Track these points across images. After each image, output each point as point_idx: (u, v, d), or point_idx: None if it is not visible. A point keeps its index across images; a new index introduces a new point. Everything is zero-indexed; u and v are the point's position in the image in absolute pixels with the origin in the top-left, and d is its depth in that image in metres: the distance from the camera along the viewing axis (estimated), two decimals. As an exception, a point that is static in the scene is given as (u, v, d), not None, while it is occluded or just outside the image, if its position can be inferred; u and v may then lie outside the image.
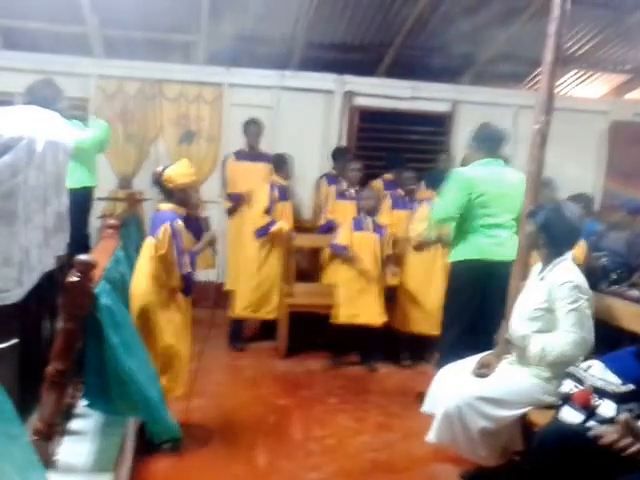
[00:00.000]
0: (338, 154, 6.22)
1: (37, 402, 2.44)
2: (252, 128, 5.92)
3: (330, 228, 5.65)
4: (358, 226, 5.19)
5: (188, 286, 3.47)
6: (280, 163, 5.61)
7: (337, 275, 5.24)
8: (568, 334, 3.00)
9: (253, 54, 6.43)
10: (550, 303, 3.05)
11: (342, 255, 5.16)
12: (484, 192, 3.97)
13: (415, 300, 5.22)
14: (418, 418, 3.48)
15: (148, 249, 3.40)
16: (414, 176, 5.63)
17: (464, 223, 4.06)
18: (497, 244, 3.96)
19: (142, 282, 3.36)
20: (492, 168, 4.06)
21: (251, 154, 5.89)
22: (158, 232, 3.35)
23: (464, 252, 4.07)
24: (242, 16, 6.06)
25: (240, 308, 5.44)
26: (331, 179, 6.07)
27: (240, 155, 5.94)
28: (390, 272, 5.26)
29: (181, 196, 3.49)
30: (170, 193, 3.47)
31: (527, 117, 3.80)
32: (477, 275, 3.96)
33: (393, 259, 5.28)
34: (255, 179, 5.67)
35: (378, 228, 5.22)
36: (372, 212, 5.24)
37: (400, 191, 5.73)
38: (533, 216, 3.23)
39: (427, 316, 5.10)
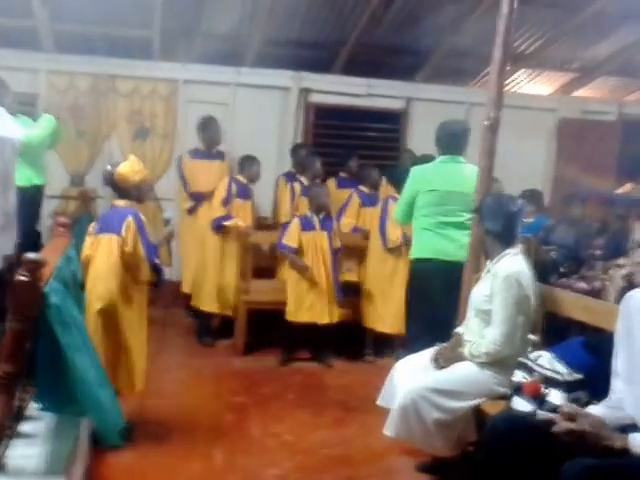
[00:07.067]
0: (297, 151, 6.19)
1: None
2: (213, 126, 5.76)
3: None
4: (306, 226, 5.06)
5: (159, 277, 3.47)
6: (246, 164, 5.53)
7: (288, 273, 5.16)
8: (493, 332, 3.06)
9: (209, 50, 6.36)
10: (492, 296, 3.10)
11: (289, 257, 5.06)
12: (436, 189, 3.97)
13: (378, 298, 5.21)
14: (375, 413, 3.51)
15: (109, 246, 3.34)
16: (377, 172, 5.61)
17: (421, 221, 4.07)
18: (454, 245, 3.93)
19: (104, 281, 3.29)
20: (449, 165, 4.05)
21: (207, 153, 5.75)
22: (121, 229, 3.31)
23: (419, 250, 4.08)
24: (197, 12, 6.01)
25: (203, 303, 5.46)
26: (290, 177, 6.04)
27: (196, 154, 5.78)
28: (345, 267, 5.27)
29: (136, 193, 3.50)
30: (125, 191, 3.47)
31: (479, 114, 3.85)
32: (433, 273, 3.95)
33: (344, 251, 5.27)
34: (213, 178, 5.56)
35: (326, 224, 5.10)
36: (320, 209, 5.10)
37: (364, 188, 5.65)
38: (478, 209, 3.29)
39: (391, 314, 5.08)
